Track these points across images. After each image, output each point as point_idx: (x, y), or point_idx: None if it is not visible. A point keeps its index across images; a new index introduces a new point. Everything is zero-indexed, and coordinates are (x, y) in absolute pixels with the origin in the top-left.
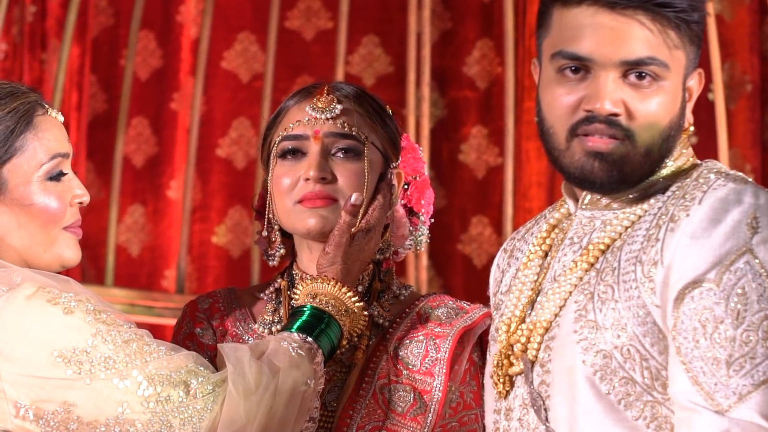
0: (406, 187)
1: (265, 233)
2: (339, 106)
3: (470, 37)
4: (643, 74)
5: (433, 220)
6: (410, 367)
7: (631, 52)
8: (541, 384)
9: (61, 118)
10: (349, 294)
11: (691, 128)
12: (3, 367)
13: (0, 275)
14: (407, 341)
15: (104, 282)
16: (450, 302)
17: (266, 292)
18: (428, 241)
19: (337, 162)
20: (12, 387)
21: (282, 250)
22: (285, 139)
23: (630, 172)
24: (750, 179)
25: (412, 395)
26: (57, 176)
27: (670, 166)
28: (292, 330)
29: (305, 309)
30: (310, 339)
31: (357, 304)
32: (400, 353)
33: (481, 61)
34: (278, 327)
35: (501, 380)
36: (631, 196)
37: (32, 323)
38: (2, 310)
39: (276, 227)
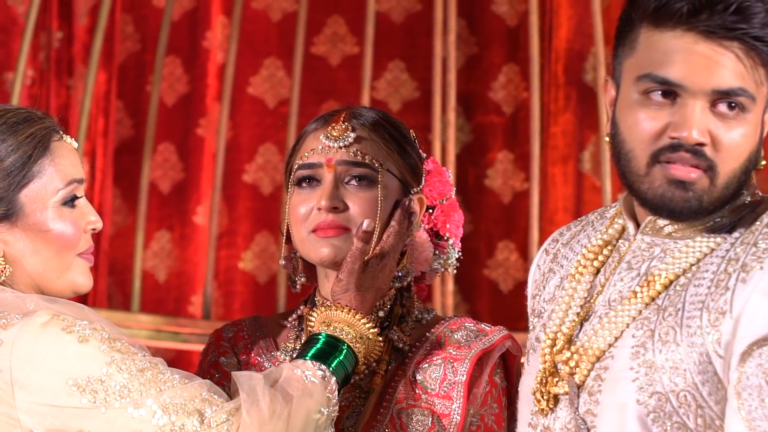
0: (430, 210)
1: (285, 262)
2: (353, 134)
3: (496, 62)
4: (732, 104)
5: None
6: (429, 390)
7: (723, 81)
8: (587, 413)
9: (75, 144)
10: (363, 321)
11: (763, 162)
12: (18, 395)
13: (13, 302)
14: (425, 365)
15: (131, 308)
16: (470, 325)
17: (290, 319)
18: (458, 263)
19: (350, 191)
20: (27, 416)
21: (303, 279)
22: (301, 168)
23: (708, 204)
24: None
25: (430, 419)
26: (71, 201)
27: (735, 201)
28: (306, 358)
29: (319, 337)
30: (323, 367)
31: (372, 331)
32: (419, 377)
33: (507, 86)
34: None
35: (545, 398)
36: (694, 228)
37: (47, 352)
38: (17, 338)
39: (298, 253)
